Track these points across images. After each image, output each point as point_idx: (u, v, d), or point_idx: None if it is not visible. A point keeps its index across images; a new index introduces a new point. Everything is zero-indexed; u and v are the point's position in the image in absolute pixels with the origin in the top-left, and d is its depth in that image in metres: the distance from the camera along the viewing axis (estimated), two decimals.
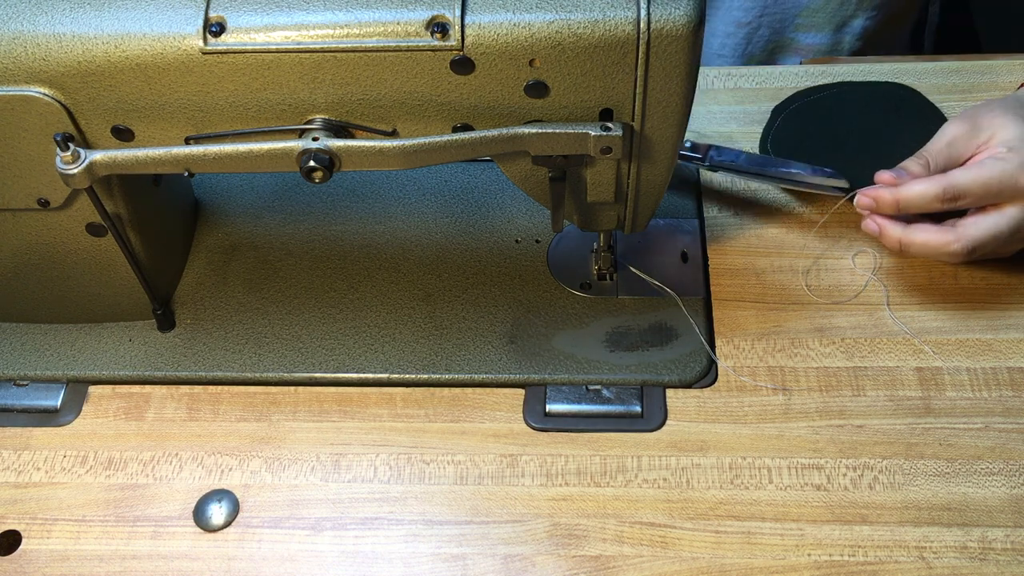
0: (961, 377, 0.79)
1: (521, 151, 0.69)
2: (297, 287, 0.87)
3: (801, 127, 0.95)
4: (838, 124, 0.96)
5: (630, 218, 0.77)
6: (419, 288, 0.86)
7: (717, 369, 0.80)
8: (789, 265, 0.86)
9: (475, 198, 0.92)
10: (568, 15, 0.63)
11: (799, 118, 0.96)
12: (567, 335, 0.83)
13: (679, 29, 0.62)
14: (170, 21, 0.65)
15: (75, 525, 0.75)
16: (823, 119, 0.96)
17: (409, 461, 0.77)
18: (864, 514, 0.72)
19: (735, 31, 1.18)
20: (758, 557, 0.71)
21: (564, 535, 0.73)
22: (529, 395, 0.80)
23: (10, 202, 0.75)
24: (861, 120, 0.95)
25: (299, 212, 0.92)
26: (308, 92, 0.67)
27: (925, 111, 0.95)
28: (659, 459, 0.76)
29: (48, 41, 0.66)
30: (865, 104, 0.97)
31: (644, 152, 0.70)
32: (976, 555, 0.70)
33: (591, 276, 0.86)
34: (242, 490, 0.76)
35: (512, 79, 0.66)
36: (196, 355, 0.83)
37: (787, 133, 0.95)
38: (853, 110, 0.96)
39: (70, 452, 0.79)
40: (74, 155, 0.67)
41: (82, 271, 0.81)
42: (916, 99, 0.97)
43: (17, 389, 0.82)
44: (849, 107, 0.97)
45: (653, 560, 0.71)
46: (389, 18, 0.64)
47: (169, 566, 0.73)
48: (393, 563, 0.72)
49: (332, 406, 0.80)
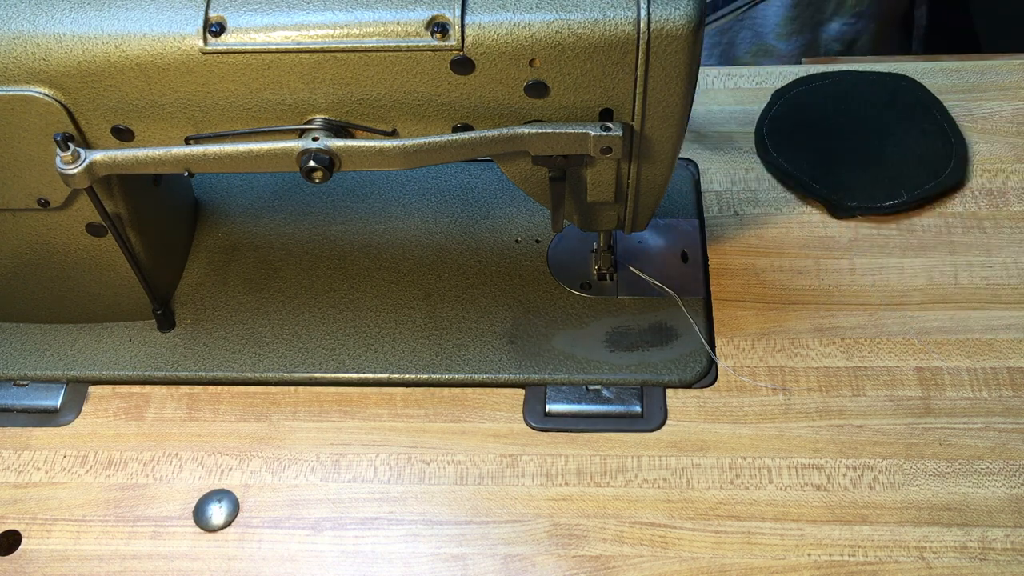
0: (961, 377, 0.79)
1: (521, 151, 0.69)
2: (297, 287, 0.87)
3: (798, 113, 0.95)
4: (835, 112, 0.96)
5: (630, 218, 0.77)
6: (419, 288, 0.86)
7: (717, 369, 0.80)
8: (789, 265, 0.86)
9: (475, 198, 0.92)
10: (568, 15, 0.63)
11: (797, 103, 0.96)
12: (567, 335, 0.83)
13: (679, 29, 0.62)
14: (170, 21, 0.65)
15: (75, 525, 0.75)
16: (820, 106, 0.96)
17: (409, 461, 0.77)
18: (864, 514, 0.72)
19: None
20: (758, 557, 0.71)
21: (564, 535, 0.73)
22: (529, 395, 0.80)
23: (10, 202, 0.75)
24: (859, 108, 0.96)
25: (299, 212, 0.92)
26: (308, 92, 0.67)
27: (926, 103, 0.95)
28: (659, 459, 0.76)
29: (48, 41, 0.66)
30: (865, 94, 0.97)
31: (644, 152, 0.70)
32: (976, 555, 0.70)
33: (591, 276, 0.86)
34: (242, 490, 0.76)
35: (512, 79, 0.66)
36: (196, 355, 0.83)
37: (782, 117, 0.95)
38: (853, 99, 0.97)
39: (70, 452, 0.79)
40: (74, 155, 0.67)
41: (82, 271, 0.81)
42: (918, 91, 0.97)
43: (17, 389, 0.82)
44: (849, 96, 0.97)
45: (653, 560, 0.71)
46: (389, 18, 0.64)
47: (169, 566, 0.73)
48: (393, 563, 0.72)
49: (332, 406, 0.80)
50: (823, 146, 0.90)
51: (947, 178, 0.90)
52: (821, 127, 0.94)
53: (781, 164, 0.90)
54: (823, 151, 0.90)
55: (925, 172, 0.90)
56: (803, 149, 0.91)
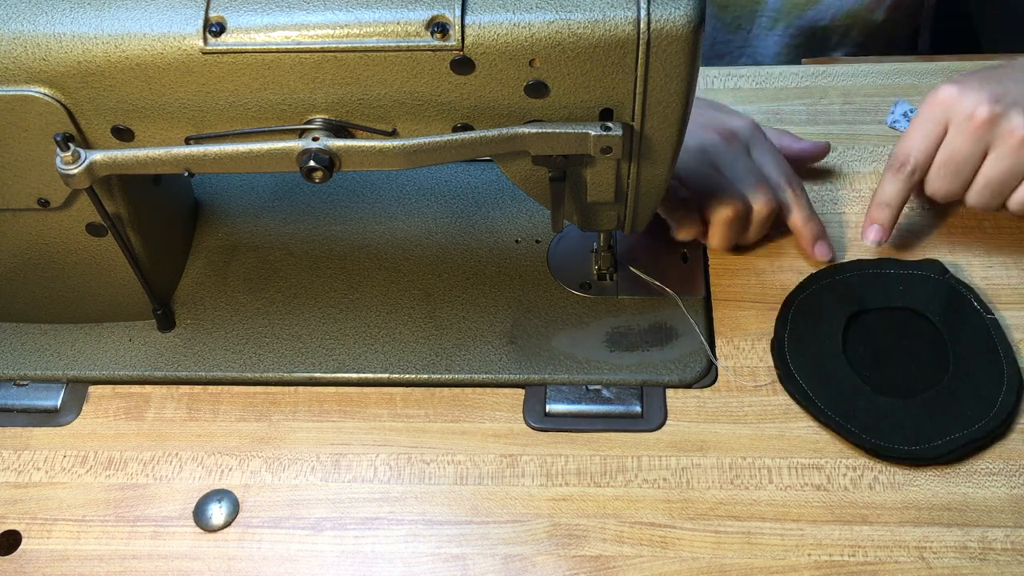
0: None
1: (521, 151, 0.69)
2: (297, 287, 0.87)
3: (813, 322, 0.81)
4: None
5: (630, 218, 0.77)
6: (419, 288, 0.86)
7: (717, 369, 0.80)
8: (789, 265, 0.86)
9: (475, 198, 0.92)
10: (568, 15, 0.63)
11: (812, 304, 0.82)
12: (567, 335, 0.83)
13: (679, 29, 0.62)
14: (170, 21, 0.65)
15: (75, 525, 0.75)
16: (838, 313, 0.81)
17: (409, 461, 0.77)
18: (864, 514, 0.72)
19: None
20: (758, 557, 0.71)
21: (564, 535, 0.73)
22: (529, 395, 0.80)
23: (10, 202, 0.75)
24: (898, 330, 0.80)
25: (299, 212, 0.92)
26: (308, 92, 0.67)
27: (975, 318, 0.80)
28: (659, 459, 0.76)
29: (48, 41, 0.66)
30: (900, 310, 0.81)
31: (644, 152, 0.70)
32: (976, 555, 0.70)
33: (591, 276, 0.86)
34: (242, 490, 0.76)
35: (512, 79, 0.66)
36: (196, 355, 0.83)
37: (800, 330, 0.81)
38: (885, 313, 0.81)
39: (70, 452, 0.79)
40: (74, 155, 0.67)
41: (82, 271, 0.81)
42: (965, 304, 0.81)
43: (17, 389, 0.82)
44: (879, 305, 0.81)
45: (653, 560, 0.71)
46: (389, 18, 0.64)
47: (169, 566, 0.73)
48: (393, 563, 0.72)
49: (332, 406, 0.80)
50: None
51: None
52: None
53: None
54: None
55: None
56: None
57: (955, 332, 0.79)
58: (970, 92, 0.78)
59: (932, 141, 0.80)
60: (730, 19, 1.14)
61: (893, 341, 0.80)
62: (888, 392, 0.77)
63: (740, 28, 1.15)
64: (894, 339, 0.80)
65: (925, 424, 0.75)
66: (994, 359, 0.78)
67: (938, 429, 0.74)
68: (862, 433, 0.74)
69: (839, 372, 0.78)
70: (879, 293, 0.82)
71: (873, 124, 0.96)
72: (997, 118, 0.77)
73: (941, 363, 0.78)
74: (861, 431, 0.74)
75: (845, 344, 0.79)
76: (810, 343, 0.80)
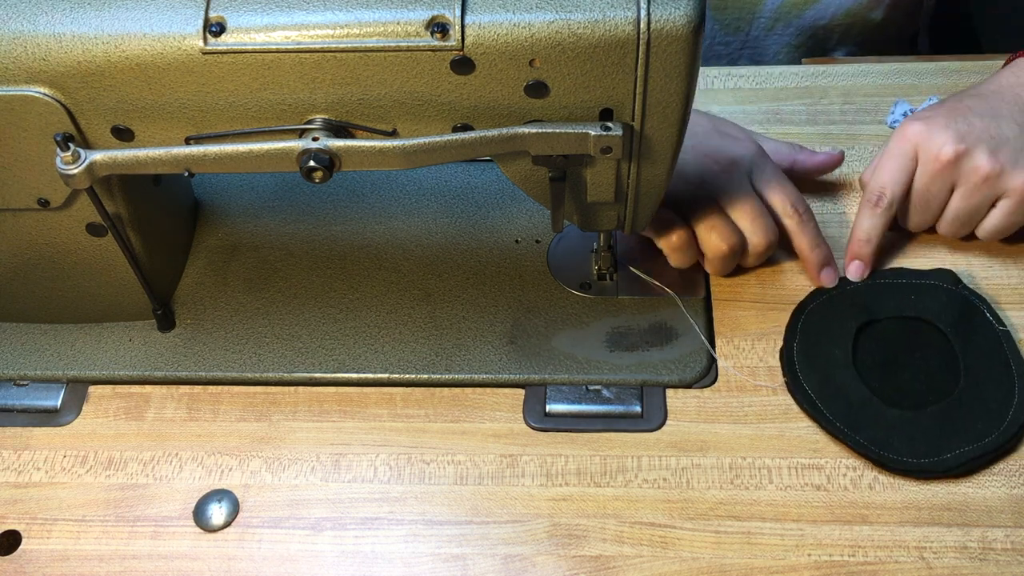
0: None
1: (521, 151, 0.69)
2: (297, 287, 0.87)
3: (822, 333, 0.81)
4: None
5: (630, 218, 0.77)
6: (419, 288, 0.86)
7: (717, 369, 0.80)
8: (789, 265, 0.86)
9: (475, 198, 0.92)
10: (568, 15, 0.63)
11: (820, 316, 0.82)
12: (567, 335, 0.82)
13: (679, 29, 0.62)
14: (170, 21, 0.65)
15: (75, 525, 0.75)
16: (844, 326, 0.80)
17: (409, 461, 0.77)
18: (864, 514, 0.72)
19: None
20: (758, 557, 0.71)
21: (564, 535, 0.73)
22: (529, 395, 0.80)
23: (10, 202, 0.75)
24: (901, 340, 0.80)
25: (299, 212, 0.92)
26: (308, 92, 0.67)
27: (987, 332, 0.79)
28: (659, 459, 0.76)
29: (48, 41, 0.66)
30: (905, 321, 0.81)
31: (644, 152, 0.70)
32: (976, 555, 0.70)
33: (591, 276, 0.86)
34: (242, 490, 0.76)
35: (512, 79, 0.66)
36: (196, 355, 0.83)
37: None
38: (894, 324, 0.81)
39: (70, 452, 0.79)
40: (74, 155, 0.67)
41: (82, 271, 0.81)
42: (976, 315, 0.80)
43: (17, 389, 0.82)
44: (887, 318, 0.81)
45: (653, 560, 0.71)
46: (389, 18, 0.64)
47: (169, 566, 0.73)
48: (393, 563, 0.72)
49: (332, 406, 0.80)
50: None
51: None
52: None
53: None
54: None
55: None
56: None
57: (966, 344, 0.79)
58: (937, 131, 0.81)
59: (905, 175, 0.82)
60: (729, 19, 1.14)
61: (904, 352, 0.79)
62: (897, 404, 0.76)
63: (740, 28, 1.15)
64: (904, 349, 0.79)
65: (934, 437, 0.74)
66: (1006, 372, 0.77)
67: (947, 442, 0.74)
68: (870, 445, 0.74)
69: (848, 382, 0.77)
70: (890, 302, 0.82)
71: (873, 124, 0.96)
72: (961, 157, 0.80)
73: (952, 375, 0.77)
74: (869, 443, 0.74)
75: (855, 354, 0.79)
76: (819, 352, 0.79)
